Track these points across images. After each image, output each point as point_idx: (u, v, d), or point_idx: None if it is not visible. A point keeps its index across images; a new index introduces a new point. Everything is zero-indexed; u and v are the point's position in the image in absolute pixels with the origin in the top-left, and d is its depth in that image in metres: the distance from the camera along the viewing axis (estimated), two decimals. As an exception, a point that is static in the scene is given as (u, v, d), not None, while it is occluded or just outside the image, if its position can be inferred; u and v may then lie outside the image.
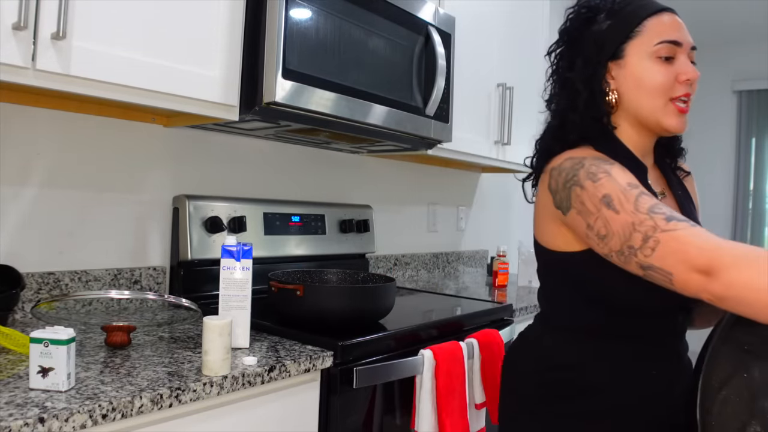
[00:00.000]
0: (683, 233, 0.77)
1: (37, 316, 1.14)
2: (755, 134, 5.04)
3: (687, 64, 0.94)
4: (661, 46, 0.93)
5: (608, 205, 0.85)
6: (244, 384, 1.02)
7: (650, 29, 0.95)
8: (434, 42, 1.71)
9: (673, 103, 0.94)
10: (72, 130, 1.40)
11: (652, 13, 0.95)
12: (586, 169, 0.89)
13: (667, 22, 0.95)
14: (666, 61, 0.94)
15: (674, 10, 0.98)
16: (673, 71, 0.94)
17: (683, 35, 0.95)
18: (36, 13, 1.00)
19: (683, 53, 0.95)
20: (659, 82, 0.94)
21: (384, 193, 2.33)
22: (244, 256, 1.18)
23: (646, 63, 0.94)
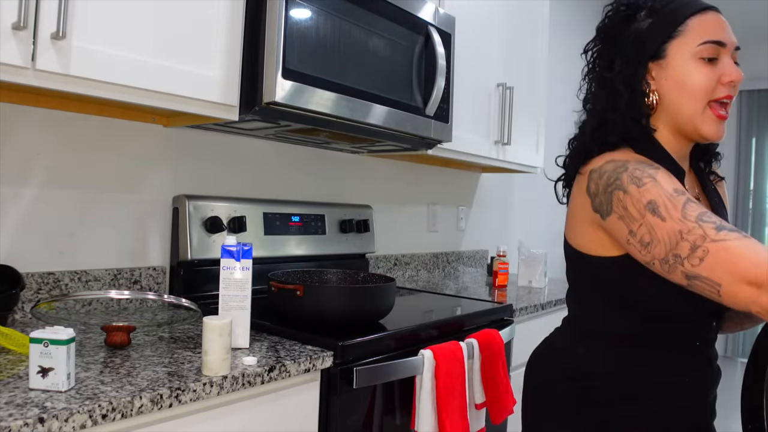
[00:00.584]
0: (734, 244, 0.76)
1: (37, 316, 1.14)
2: (755, 134, 5.04)
3: (731, 65, 0.91)
4: (704, 46, 0.90)
5: (654, 212, 0.83)
6: (244, 384, 1.02)
7: (693, 29, 0.91)
8: (434, 42, 1.71)
9: (712, 109, 0.91)
10: (72, 130, 1.40)
11: (695, 12, 0.92)
12: (630, 173, 0.87)
13: (711, 21, 0.91)
14: (709, 62, 0.91)
15: (718, 9, 0.94)
16: (716, 72, 0.91)
17: (727, 35, 0.91)
18: (36, 13, 1.00)
19: (727, 54, 0.91)
20: (702, 84, 0.90)
21: (384, 193, 2.33)
22: (244, 256, 1.18)
23: (688, 64, 0.91)
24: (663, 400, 0.94)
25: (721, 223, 0.79)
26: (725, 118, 0.92)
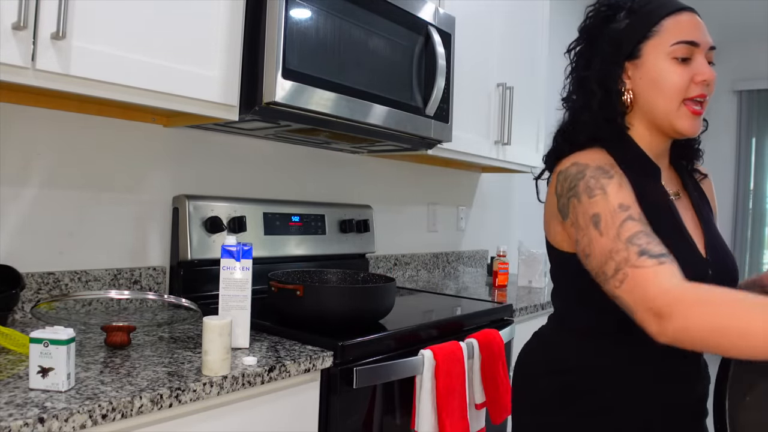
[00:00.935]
0: (650, 271, 0.77)
1: (37, 316, 1.14)
2: (755, 134, 5.03)
3: (704, 64, 0.93)
4: (677, 46, 0.92)
5: (596, 225, 0.86)
6: (244, 384, 1.02)
7: (668, 29, 0.93)
8: (434, 42, 1.71)
9: (687, 105, 0.93)
10: (72, 130, 1.40)
11: (670, 12, 0.94)
12: (586, 182, 0.89)
13: (686, 21, 0.93)
14: (683, 62, 0.92)
15: (694, 10, 0.96)
16: (689, 72, 0.92)
17: (701, 35, 0.93)
18: (36, 13, 1.00)
19: (701, 53, 0.93)
20: (675, 83, 0.92)
21: (384, 193, 2.33)
22: (244, 256, 1.18)
23: (662, 63, 0.93)
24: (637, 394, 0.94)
25: (646, 247, 0.79)
26: (700, 113, 0.94)
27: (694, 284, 0.74)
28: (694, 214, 1.00)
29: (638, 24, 0.95)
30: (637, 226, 0.83)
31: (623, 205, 0.85)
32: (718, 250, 0.96)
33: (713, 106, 5.21)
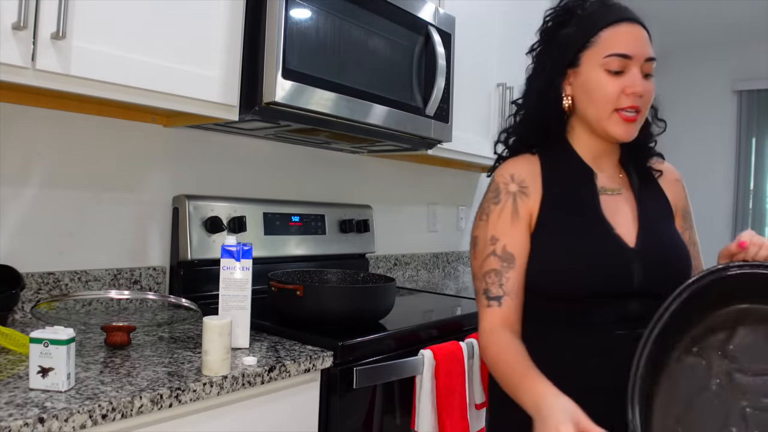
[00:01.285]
0: (483, 309, 0.97)
1: (37, 316, 1.14)
2: (755, 134, 5.03)
3: (635, 77, 0.94)
4: (610, 59, 0.94)
5: (474, 246, 1.01)
6: (244, 384, 1.02)
7: (604, 40, 0.95)
8: (434, 42, 1.71)
9: (618, 113, 0.96)
10: (72, 130, 1.40)
11: (609, 24, 0.95)
12: (485, 202, 1.02)
13: (622, 33, 0.95)
14: (616, 74, 0.95)
15: (637, 19, 0.97)
16: (621, 83, 0.94)
17: (636, 48, 0.94)
18: (36, 13, 1.00)
19: (635, 65, 0.95)
20: (605, 94, 0.95)
21: (384, 193, 2.33)
22: (244, 256, 1.18)
23: (596, 74, 0.96)
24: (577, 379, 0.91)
25: (489, 288, 0.96)
26: (633, 120, 0.96)
27: (495, 336, 0.92)
28: (634, 209, 1.01)
29: (579, 33, 0.98)
30: (494, 263, 0.97)
31: (494, 237, 0.98)
32: (652, 242, 0.97)
33: (713, 106, 5.21)
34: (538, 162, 1.03)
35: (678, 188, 1.10)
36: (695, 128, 5.29)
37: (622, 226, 0.98)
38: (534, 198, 1.00)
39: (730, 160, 5.12)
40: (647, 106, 0.98)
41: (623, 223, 0.99)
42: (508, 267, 0.96)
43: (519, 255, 0.97)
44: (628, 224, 0.99)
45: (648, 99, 0.97)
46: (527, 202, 1.00)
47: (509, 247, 0.97)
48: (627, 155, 1.07)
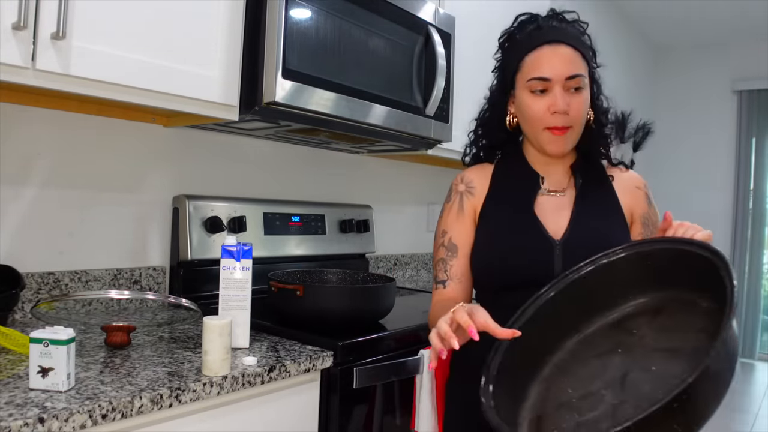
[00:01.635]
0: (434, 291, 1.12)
1: (37, 316, 1.14)
2: (755, 134, 5.03)
3: (558, 96, 1.00)
4: (531, 82, 1.02)
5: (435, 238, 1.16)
6: (244, 384, 1.02)
7: (527, 65, 1.03)
8: (434, 42, 1.71)
9: (548, 131, 1.03)
10: (72, 130, 1.40)
11: (531, 48, 1.03)
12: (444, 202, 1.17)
13: (542, 57, 1.02)
14: (540, 94, 1.02)
15: (562, 40, 1.01)
16: (545, 103, 1.02)
17: (554, 69, 1.00)
18: (36, 13, 1.00)
19: (557, 85, 1.01)
20: (532, 114, 1.03)
21: (384, 193, 2.33)
22: (244, 256, 1.18)
23: (524, 96, 1.04)
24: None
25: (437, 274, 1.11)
26: (562, 134, 1.02)
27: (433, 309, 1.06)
28: (570, 207, 1.07)
29: (512, 58, 1.07)
30: (442, 253, 1.12)
31: (444, 231, 1.13)
32: (578, 236, 1.04)
33: (713, 106, 5.21)
34: (492, 167, 1.16)
35: (638, 195, 1.12)
36: (695, 128, 5.29)
37: (553, 223, 1.06)
38: (479, 197, 1.13)
39: (730, 160, 5.12)
40: (578, 120, 1.03)
41: (556, 220, 1.06)
42: (452, 256, 1.10)
43: (462, 245, 1.10)
44: (561, 220, 1.06)
45: (577, 113, 1.02)
46: (472, 200, 1.13)
47: (454, 239, 1.11)
48: (578, 160, 1.13)
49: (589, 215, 1.06)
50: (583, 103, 1.03)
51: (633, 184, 1.13)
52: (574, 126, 1.03)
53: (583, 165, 1.12)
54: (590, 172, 1.12)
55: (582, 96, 1.03)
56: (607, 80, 1.12)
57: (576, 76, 1.01)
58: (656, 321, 0.85)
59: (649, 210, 1.12)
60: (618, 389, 0.80)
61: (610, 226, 1.06)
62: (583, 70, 1.03)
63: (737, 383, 4.35)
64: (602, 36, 4.25)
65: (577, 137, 1.06)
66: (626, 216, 1.09)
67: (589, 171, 1.12)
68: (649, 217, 1.12)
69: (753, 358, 4.91)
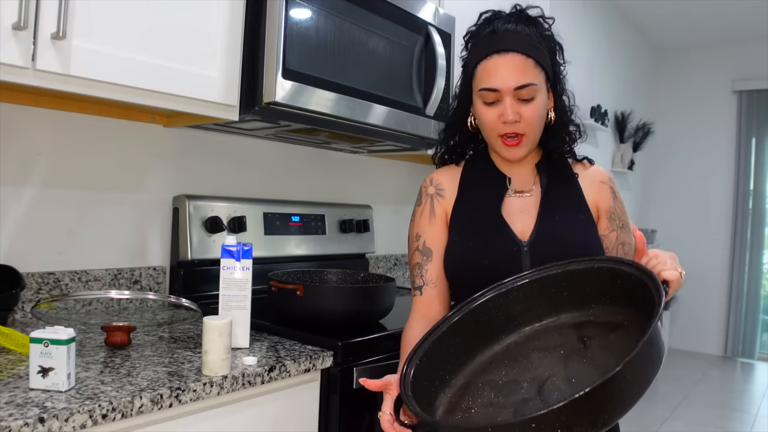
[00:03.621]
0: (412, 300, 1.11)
1: (37, 316, 1.14)
2: (755, 134, 5.04)
3: (508, 106, 1.00)
4: (482, 92, 1.03)
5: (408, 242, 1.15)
6: (244, 384, 1.02)
7: (478, 75, 1.04)
8: (434, 42, 1.71)
9: (501, 139, 1.04)
10: (72, 130, 1.40)
11: (481, 59, 1.03)
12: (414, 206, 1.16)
13: (490, 67, 1.01)
14: (491, 105, 1.03)
15: (509, 47, 1.00)
16: (496, 113, 1.02)
17: (501, 80, 1.00)
18: (36, 13, 1.00)
19: (507, 95, 1.01)
20: (486, 123, 1.04)
21: (384, 193, 2.33)
22: (244, 256, 1.18)
23: (477, 104, 1.05)
24: None
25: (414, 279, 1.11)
26: (514, 144, 1.04)
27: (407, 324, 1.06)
28: (536, 208, 1.08)
29: (467, 64, 1.08)
30: (417, 257, 1.11)
31: (417, 234, 1.13)
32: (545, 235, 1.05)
33: (713, 106, 5.21)
34: (461, 168, 1.16)
35: (602, 190, 1.12)
36: (695, 128, 5.29)
37: (520, 223, 1.07)
38: (449, 198, 1.12)
39: (730, 160, 5.12)
40: (531, 127, 1.03)
41: (523, 221, 1.07)
42: (427, 260, 1.10)
43: (436, 248, 1.10)
44: (528, 221, 1.07)
45: (530, 120, 1.02)
46: (442, 202, 1.12)
47: (428, 243, 1.11)
48: (543, 160, 1.13)
49: (555, 215, 1.07)
50: (535, 111, 1.02)
51: (597, 179, 1.13)
52: (527, 133, 1.03)
53: (547, 164, 1.12)
54: (555, 171, 1.12)
55: (535, 104, 1.02)
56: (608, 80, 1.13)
57: (526, 85, 1.00)
58: (607, 338, 0.86)
59: (614, 204, 1.12)
60: (536, 387, 0.84)
61: (576, 225, 1.07)
62: (535, 77, 1.01)
63: (737, 384, 4.35)
64: (602, 36, 4.25)
65: (533, 143, 1.06)
66: (593, 211, 1.10)
67: (554, 169, 1.12)
68: (615, 211, 1.12)
69: (753, 358, 4.91)
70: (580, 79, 1.13)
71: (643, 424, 3.35)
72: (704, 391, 4.05)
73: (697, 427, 3.35)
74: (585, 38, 3.97)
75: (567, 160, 1.14)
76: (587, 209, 1.09)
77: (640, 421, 3.37)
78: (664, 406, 3.70)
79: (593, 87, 4.14)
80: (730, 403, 3.85)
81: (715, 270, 5.13)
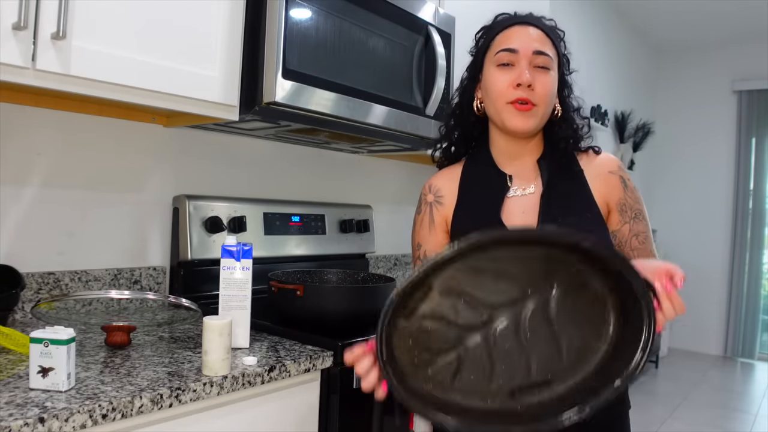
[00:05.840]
0: None
1: (37, 316, 1.14)
2: (755, 134, 5.04)
3: (521, 69, 1.00)
4: (499, 54, 1.02)
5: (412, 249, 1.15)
6: (244, 384, 1.02)
7: (497, 42, 1.04)
8: (434, 42, 1.71)
9: (511, 105, 1.01)
10: (72, 130, 1.40)
11: (502, 29, 1.04)
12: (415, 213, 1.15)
13: (512, 32, 1.03)
14: (506, 67, 1.02)
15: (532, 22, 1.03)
16: (510, 77, 1.01)
17: (521, 42, 1.01)
18: (36, 13, 1.00)
19: (523, 59, 1.00)
20: (496, 87, 1.02)
21: (384, 193, 2.33)
22: (244, 256, 1.18)
23: (490, 71, 1.04)
24: None
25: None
26: (525, 110, 1.00)
27: None
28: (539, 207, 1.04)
29: (484, 41, 1.08)
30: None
31: (419, 244, 1.12)
32: None
33: (713, 106, 5.21)
34: (460, 170, 1.13)
35: (611, 181, 1.07)
36: (695, 128, 5.29)
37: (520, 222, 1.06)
38: (448, 206, 1.11)
39: (730, 160, 5.12)
40: (544, 98, 1.01)
41: (525, 222, 1.06)
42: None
43: None
44: (529, 222, 1.05)
45: (543, 91, 1.00)
46: (441, 209, 1.11)
47: (429, 252, 1.10)
48: (546, 154, 1.09)
49: (558, 216, 1.03)
50: (549, 84, 1.01)
51: (605, 169, 1.08)
52: (539, 105, 1.00)
53: (550, 158, 1.09)
54: (559, 166, 1.08)
55: (549, 77, 1.01)
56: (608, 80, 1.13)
57: (544, 53, 1.01)
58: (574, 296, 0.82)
59: (625, 194, 1.07)
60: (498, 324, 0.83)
61: (581, 226, 1.02)
62: (551, 52, 1.02)
63: (738, 384, 4.35)
64: (602, 36, 4.25)
65: (542, 119, 1.03)
66: (601, 207, 1.05)
67: (558, 165, 1.08)
68: (626, 202, 1.07)
69: (753, 358, 4.91)
70: (580, 79, 1.13)
71: (643, 424, 3.35)
72: (704, 392, 4.05)
73: (697, 427, 3.36)
74: (585, 38, 3.97)
75: (573, 154, 1.09)
76: (595, 208, 1.04)
77: (640, 422, 3.37)
78: (664, 406, 3.70)
79: (593, 87, 4.14)
80: (730, 404, 3.85)
81: (715, 270, 5.13)
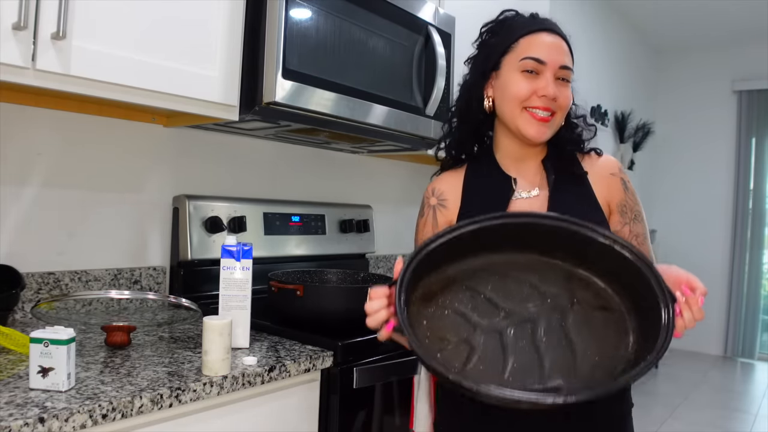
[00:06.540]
0: None
1: (37, 316, 1.14)
2: (755, 134, 5.04)
3: (547, 81, 1.01)
4: (525, 61, 1.02)
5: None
6: (244, 384, 1.02)
7: (522, 46, 1.03)
8: (434, 42, 1.71)
9: (528, 112, 1.02)
10: (72, 130, 1.40)
11: (527, 32, 1.04)
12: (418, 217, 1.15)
13: (539, 41, 1.03)
14: (530, 75, 1.02)
15: (555, 30, 1.04)
16: (533, 85, 1.01)
17: (550, 55, 1.01)
18: (36, 13, 1.00)
19: (549, 71, 1.01)
20: (518, 92, 1.02)
21: (384, 193, 2.33)
22: (244, 256, 1.18)
23: (512, 74, 1.03)
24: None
25: None
26: (544, 120, 1.01)
27: None
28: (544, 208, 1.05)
29: (503, 39, 1.06)
30: None
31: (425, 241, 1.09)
32: None
33: (713, 106, 5.21)
34: (463, 173, 1.12)
35: (612, 183, 1.09)
36: (695, 128, 5.29)
37: None
38: (452, 209, 1.10)
39: (730, 160, 5.12)
40: (563, 111, 1.03)
41: None
42: None
43: None
44: None
45: (563, 103, 1.02)
46: (445, 213, 1.10)
47: None
48: (550, 156, 1.10)
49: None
50: (569, 97, 1.04)
51: (607, 171, 1.10)
52: (556, 115, 1.03)
53: (554, 160, 1.10)
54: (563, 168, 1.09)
55: (569, 89, 1.04)
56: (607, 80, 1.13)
57: (568, 68, 1.03)
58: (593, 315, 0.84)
59: (626, 196, 1.10)
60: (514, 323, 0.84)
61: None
62: (571, 65, 1.05)
63: (738, 384, 4.35)
64: (602, 36, 4.25)
65: (556, 128, 1.05)
66: (603, 208, 1.07)
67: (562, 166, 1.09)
68: (626, 203, 1.09)
69: (753, 358, 4.91)
70: (580, 79, 1.13)
71: (643, 424, 3.35)
72: (704, 392, 4.05)
73: (697, 428, 3.36)
74: (585, 38, 3.97)
75: (575, 156, 1.11)
76: (598, 208, 1.07)
77: (641, 422, 3.37)
78: (664, 406, 3.70)
79: (593, 87, 4.14)
80: (730, 404, 3.85)
81: (715, 270, 5.12)
